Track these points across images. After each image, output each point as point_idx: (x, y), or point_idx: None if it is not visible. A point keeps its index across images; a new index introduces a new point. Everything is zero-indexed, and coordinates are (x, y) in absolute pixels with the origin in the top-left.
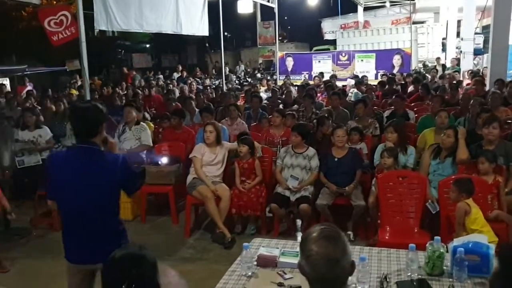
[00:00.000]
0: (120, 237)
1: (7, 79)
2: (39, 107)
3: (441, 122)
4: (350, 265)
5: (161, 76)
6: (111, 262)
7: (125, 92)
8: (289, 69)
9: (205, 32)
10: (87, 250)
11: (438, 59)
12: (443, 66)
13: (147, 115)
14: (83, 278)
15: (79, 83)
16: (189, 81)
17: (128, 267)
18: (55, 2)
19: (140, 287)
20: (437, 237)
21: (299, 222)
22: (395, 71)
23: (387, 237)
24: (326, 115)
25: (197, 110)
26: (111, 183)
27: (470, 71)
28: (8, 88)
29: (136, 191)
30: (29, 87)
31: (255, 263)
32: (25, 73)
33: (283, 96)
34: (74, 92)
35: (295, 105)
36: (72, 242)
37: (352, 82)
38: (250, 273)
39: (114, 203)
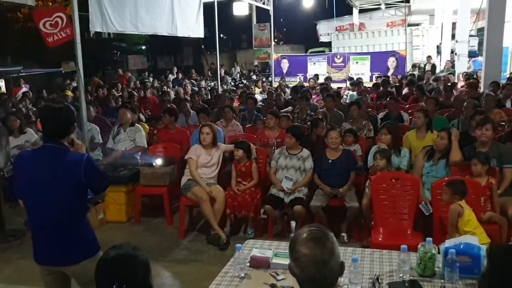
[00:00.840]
0: (86, 240)
1: (2, 80)
2: (34, 109)
3: (415, 122)
4: (339, 266)
5: (151, 79)
6: (104, 262)
7: (121, 93)
8: (284, 71)
9: (200, 34)
10: (52, 251)
11: (429, 57)
12: (433, 66)
13: (142, 117)
14: (55, 278)
15: (74, 84)
16: (184, 83)
17: (120, 267)
18: (50, 3)
19: (132, 287)
20: (429, 239)
21: (293, 223)
22: (389, 73)
23: (380, 239)
24: (320, 117)
25: (192, 111)
26: (75, 183)
27: (464, 73)
28: (3, 89)
29: (102, 191)
30: (25, 89)
31: (248, 264)
32: (21, 74)
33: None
34: (69, 93)
35: (289, 107)
36: (38, 243)
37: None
38: (243, 274)
39: (80, 204)
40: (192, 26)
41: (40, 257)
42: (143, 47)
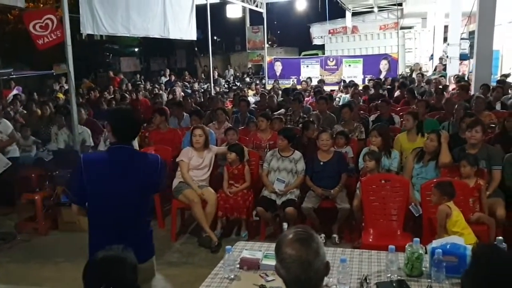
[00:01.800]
0: (150, 238)
1: None
2: (25, 111)
3: (404, 125)
4: (325, 266)
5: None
6: (92, 264)
7: (113, 96)
8: (278, 74)
9: (193, 37)
10: None
11: (417, 64)
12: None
13: None
14: None
15: (66, 86)
16: (174, 88)
17: (108, 268)
18: (41, 5)
19: None
20: (416, 239)
21: (285, 225)
22: (382, 76)
23: (370, 240)
24: (311, 119)
25: (185, 114)
26: (149, 183)
27: (455, 76)
28: None
29: (163, 190)
30: (16, 91)
31: (238, 265)
32: (11, 76)
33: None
34: (61, 96)
35: (282, 109)
36: (103, 246)
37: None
38: (232, 276)
39: (149, 203)
40: (184, 29)
41: None
42: (136, 49)
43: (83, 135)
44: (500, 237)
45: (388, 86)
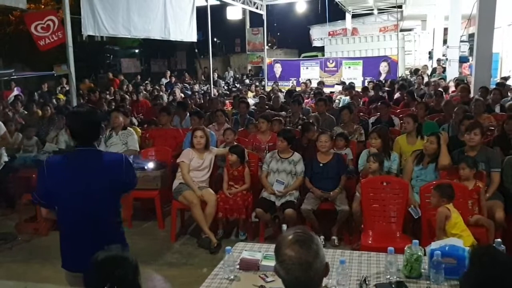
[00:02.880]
0: (123, 239)
1: None
2: (26, 112)
3: (404, 127)
4: (324, 267)
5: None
6: (94, 264)
7: (113, 97)
8: (278, 75)
9: (194, 38)
10: (91, 255)
11: (425, 66)
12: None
13: (134, 120)
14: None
15: (67, 87)
16: (173, 90)
17: (110, 268)
18: (43, 6)
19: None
20: (415, 241)
21: (284, 227)
22: (381, 78)
23: (370, 242)
24: (311, 121)
25: (187, 114)
26: (115, 183)
27: (455, 79)
28: None
29: (134, 188)
30: (17, 92)
31: (238, 266)
32: (12, 77)
33: (271, 102)
34: (61, 97)
35: (283, 112)
36: (74, 249)
37: (340, 88)
38: (232, 277)
39: (118, 203)
40: (185, 30)
41: (75, 264)
42: (137, 51)
43: None
44: (499, 239)
45: (387, 88)
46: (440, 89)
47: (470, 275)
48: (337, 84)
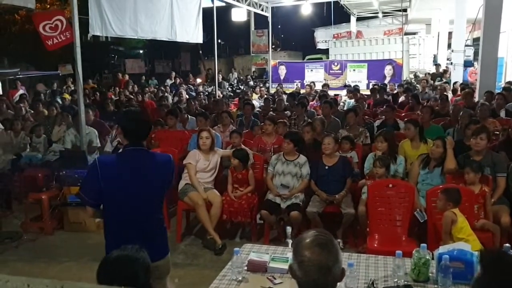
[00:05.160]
0: (166, 235)
1: None
2: (32, 111)
3: (406, 133)
4: (341, 272)
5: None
6: (106, 262)
7: (118, 97)
8: (282, 78)
9: (199, 40)
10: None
11: (438, 65)
12: (434, 75)
13: None
14: None
15: (72, 87)
16: (179, 91)
17: (120, 268)
18: (48, 6)
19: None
20: (423, 244)
21: (289, 229)
22: (386, 81)
23: (375, 245)
24: (316, 122)
25: (190, 117)
26: (163, 182)
27: (460, 84)
28: (0, 91)
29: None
30: (22, 91)
31: (246, 268)
32: (17, 76)
33: (275, 104)
34: (67, 96)
35: (287, 111)
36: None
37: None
38: (240, 278)
39: (162, 201)
40: (191, 32)
41: None
42: (141, 51)
43: (90, 135)
44: (508, 244)
45: (391, 92)
46: (445, 93)
47: (485, 280)
48: (344, 86)
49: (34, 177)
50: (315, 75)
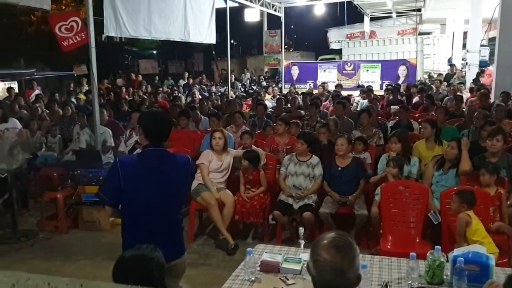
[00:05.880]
0: (182, 235)
1: (15, 82)
2: (47, 111)
3: (422, 133)
4: (357, 278)
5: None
6: (122, 261)
7: (132, 97)
8: (295, 78)
9: (213, 40)
10: (165, 249)
11: (452, 65)
12: (447, 75)
13: None
14: None
15: (86, 87)
16: (192, 92)
17: (135, 267)
18: (64, 7)
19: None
20: (438, 247)
21: (301, 230)
22: (400, 81)
23: (389, 247)
24: (330, 123)
25: (203, 117)
26: (184, 183)
27: (476, 85)
28: (16, 91)
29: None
30: (38, 91)
31: (258, 268)
32: (33, 77)
33: (288, 104)
34: (82, 96)
35: (301, 111)
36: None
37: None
38: (253, 278)
39: (183, 201)
40: (204, 32)
41: None
42: (154, 52)
43: (104, 135)
44: None
45: (407, 93)
46: (459, 93)
47: None
48: (357, 86)
49: (49, 176)
50: (328, 75)
